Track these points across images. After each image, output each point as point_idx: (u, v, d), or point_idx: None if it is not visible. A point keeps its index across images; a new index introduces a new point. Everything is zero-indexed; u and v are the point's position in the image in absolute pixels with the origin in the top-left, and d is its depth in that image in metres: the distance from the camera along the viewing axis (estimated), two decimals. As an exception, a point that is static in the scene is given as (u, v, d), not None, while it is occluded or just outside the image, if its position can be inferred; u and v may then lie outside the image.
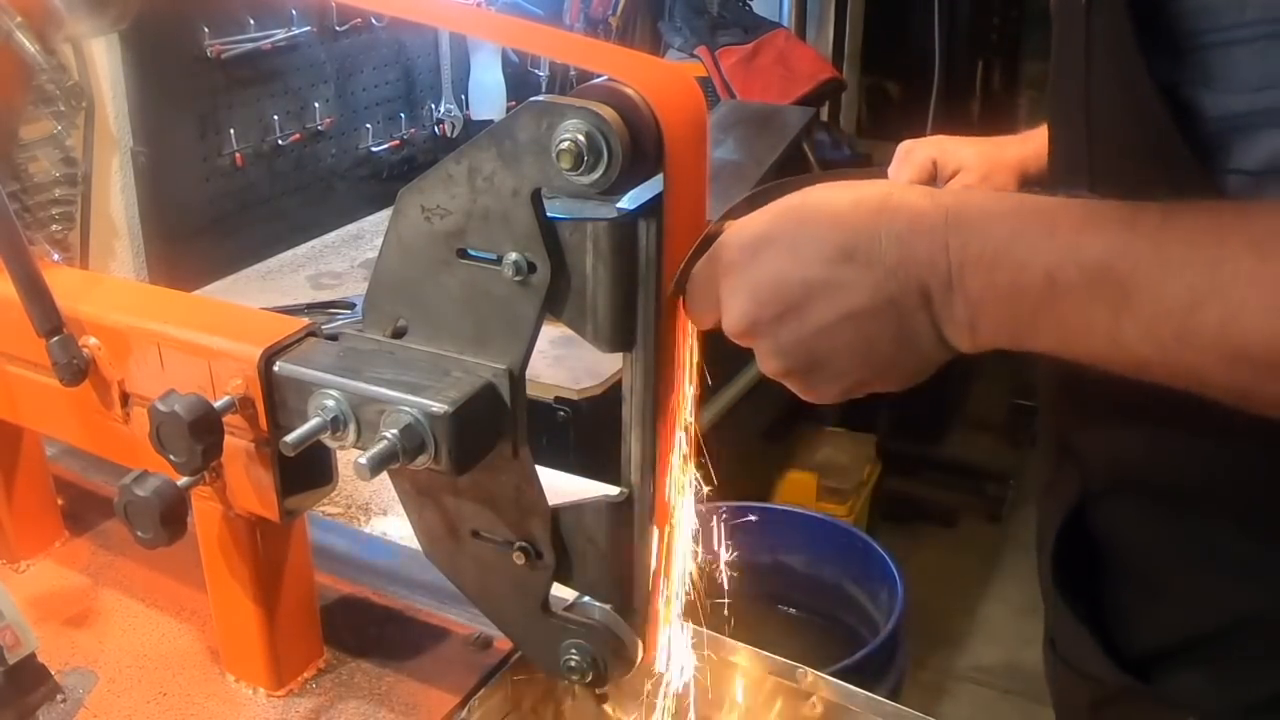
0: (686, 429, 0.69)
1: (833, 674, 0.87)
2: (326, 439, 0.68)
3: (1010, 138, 1.11)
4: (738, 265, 0.60)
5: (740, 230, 0.61)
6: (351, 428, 0.67)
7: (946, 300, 0.57)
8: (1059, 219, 0.55)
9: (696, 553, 0.73)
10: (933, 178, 1.08)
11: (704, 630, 0.90)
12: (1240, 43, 0.57)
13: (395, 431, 0.63)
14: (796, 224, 0.59)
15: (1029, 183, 1.06)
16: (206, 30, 1.68)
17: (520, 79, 2.26)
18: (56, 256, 1.41)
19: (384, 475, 0.65)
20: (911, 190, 0.59)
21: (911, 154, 1.10)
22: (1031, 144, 1.07)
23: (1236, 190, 0.59)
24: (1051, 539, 0.76)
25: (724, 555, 0.83)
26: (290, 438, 0.66)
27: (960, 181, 1.07)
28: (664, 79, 0.61)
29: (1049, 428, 0.80)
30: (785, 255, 0.59)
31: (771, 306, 0.59)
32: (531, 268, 0.62)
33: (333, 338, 0.73)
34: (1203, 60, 0.58)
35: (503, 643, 0.87)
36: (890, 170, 1.11)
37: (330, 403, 0.67)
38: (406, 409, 0.64)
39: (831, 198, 0.60)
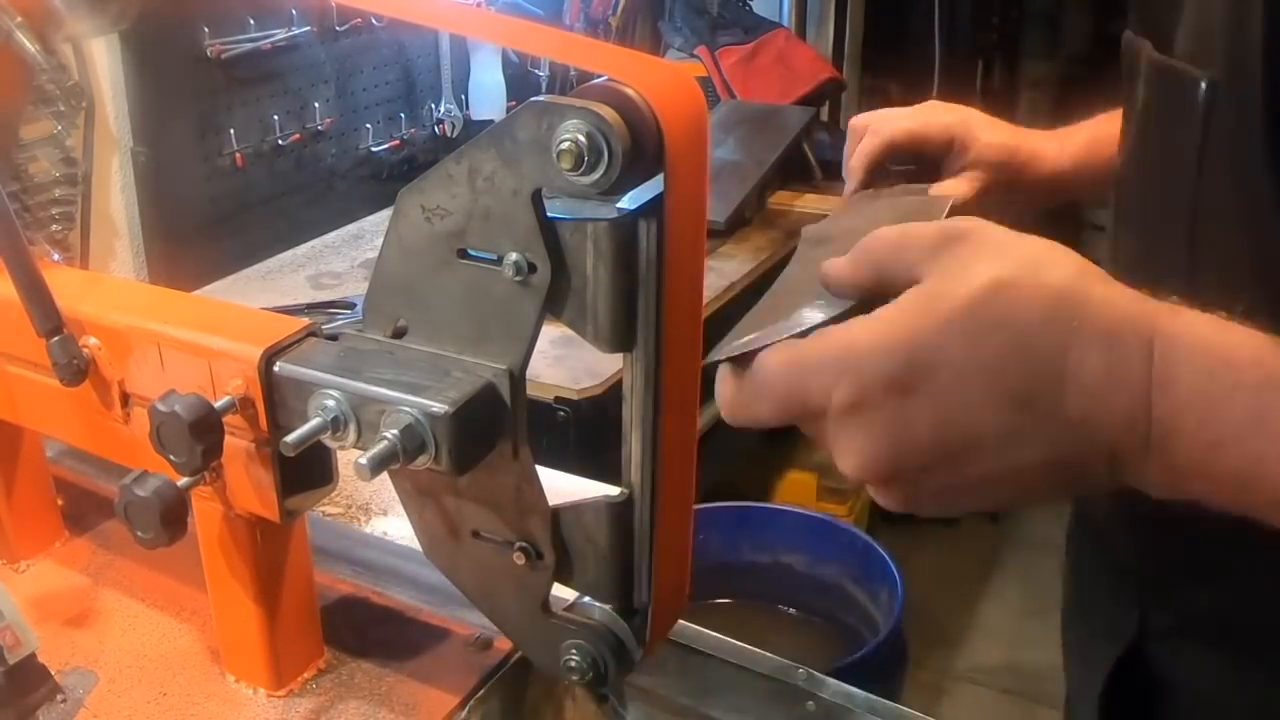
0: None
1: (833, 674, 0.87)
2: (326, 439, 0.68)
3: (1031, 132, 0.92)
4: (871, 406, 0.47)
5: (872, 357, 0.47)
6: (351, 428, 0.67)
7: (1140, 464, 0.46)
8: None
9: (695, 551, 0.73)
10: (944, 152, 0.88)
11: (704, 630, 0.91)
12: None
13: (395, 432, 0.63)
14: (967, 347, 0.46)
15: (1058, 191, 0.90)
16: (206, 30, 1.68)
17: (520, 79, 2.26)
18: (56, 256, 1.41)
19: (384, 475, 0.65)
20: (1112, 297, 0.46)
21: (931, 120, 0.88)
22: (1047, 142, 0.91)
23: None
24: (1101, 678, 0.68)
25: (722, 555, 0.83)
26: (290, 438, 0.66)
27: (974, 181, 0.86)
28: (664, 79, 0.61)
29: (1103, 553, 0.71)
30: (947, 400, 0.46)
31: (922, 457, 0.48)
32: (532, 268, 0.62)
33: (333, 338, 0.73)
34: None
35: (503, 643, 0.87)
36: (899, 122, 0.89)
37: (330, 403, 0.67)
38: (406, 409, 0.64)
39: (1016, 304, 0.46)
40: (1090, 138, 0.88)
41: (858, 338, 0.48)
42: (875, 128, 0.87)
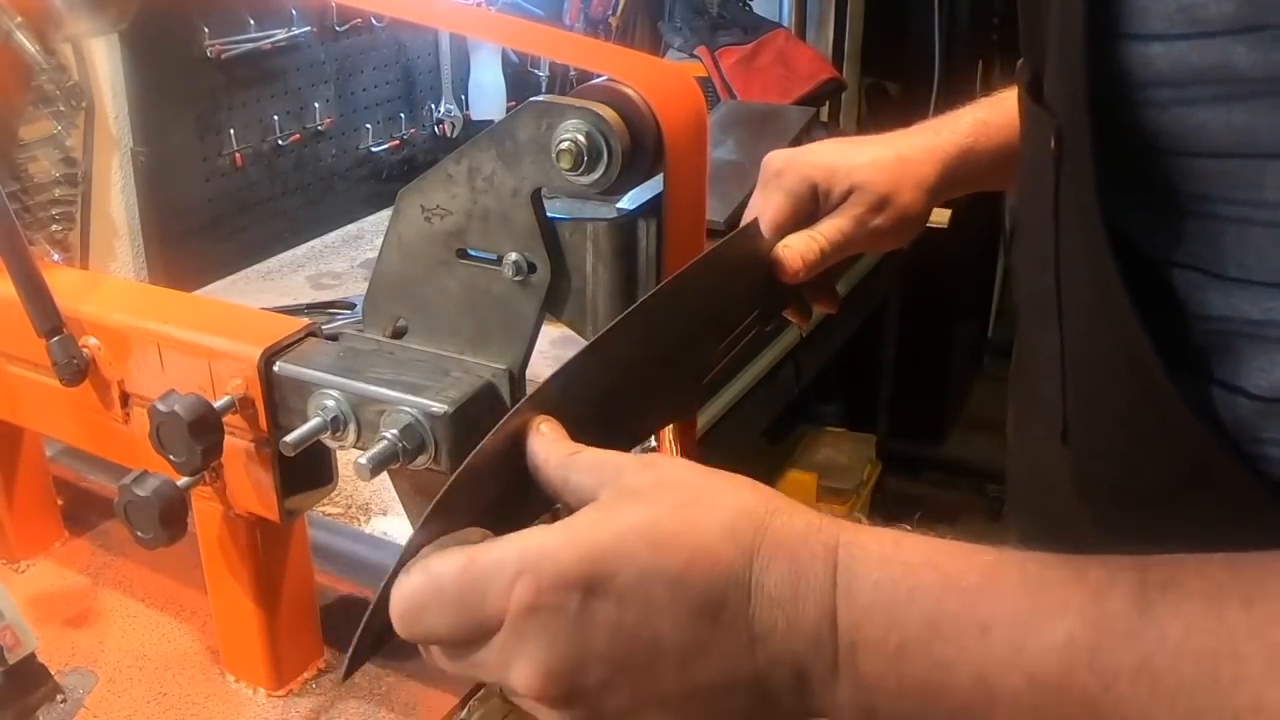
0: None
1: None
2: (326, 439, 0.68)
3: (918, 130, 0.84)
4: (552, 607, 0.43)
5: (555, 557, 0.43)
6: (351, 428, 0.67)
7: (829, 685, 0.43)
8: (992, 607, 0.41)
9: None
10: (812, 206, 0.78)
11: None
12: (1255, 224, 0.45)
13: (395, 431, 0.63)
14: (647, 555, 0.43)
15: (946, 188, 0.81)
16: (206, 30, 1.68)
17: (520, 79, 2.26)
18: (56, 256, 1.41)
19: (384, 475, 0.65)
20: (795, 517, 0.45)
21: (782, 178, 0.78)
22: (947, 137, 0.82)
23: (1238, 416, 0.47)
24: None
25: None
26: (290, 438, 0.66)
27: (853, 206, 0.78)
28: (664, 79, 0.61)
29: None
30: (631, 603, 0.43)
31: (605, 667, 0.43)
32: (531, 268, 0.63)
33: (333, 338, 0.73)
34: (1202, 233, 0.47)
35: (503, 643, 0.87)
36: (754, 200, 0.79)
37: (330, 403, 0.67)
38: (406, 409, 0.64)
39: (694, 521, 0.44)
40: (974, 122, 0.83)
41: (537, 538, 0.45)
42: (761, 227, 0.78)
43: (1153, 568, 0.40)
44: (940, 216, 0.95)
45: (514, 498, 0.49)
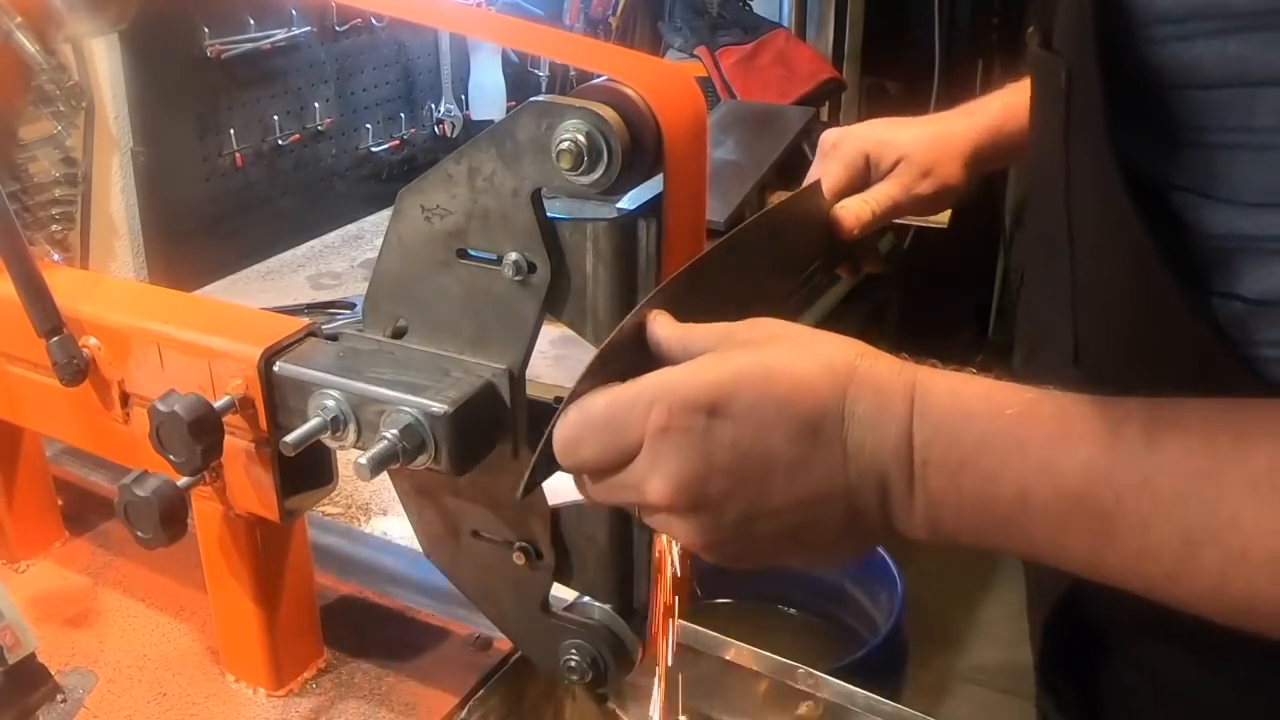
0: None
1: (833, 674, 0.87)
2: (326, 439, 0.68)
3: (954, 114, 0.95)
4: (682, 427, 0.52)
5: (683, 384, 0.52)
6: (351, 428, 0.67)
7: (906, 495, 0.52)
8: (1030, 429, 0.50)
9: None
10: (866, 174, 0.90)
11: (704, 630, 0.91)
12: (1248, 148, 0.50)
13: (395, 431, 0.63)
14: (759, 387, 0.52)
15: (980, 163, 0.92)
16: (206, 30, 1.68)
17: (520, 79, 2.26)
18: (56, 256, 1.41)
19: (384, 475, 0.65)
20: (880, 361, 0.53)
21: (839, 149, 0.90)
22: (980, 118, 0.93)
23: (1233, 318, 0.52)
24: (1039, 624, 0.72)
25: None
26: (290, 438, 0.66)
27: (902, 174, 0.89)
28: (664, 79, 0.61)
29: None
30: (747, 422, 0.51)
31: (725, 478, 0.52)
32: (531, 268, 0.63)
33: (333, 338, 0.73)
34: (1201, 161, 0.51)
35: (503, 643, 0.87)
36: (814, 169, 0.91)
37: (330, 403, 0.67)
38: (406, 409, 0.64)
39: (797, 361, 0.53)
40: (1002, 106, 0.93)
41: (668, 375, 0.54)
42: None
43: (1163, 406, 0.48)
44: (940, 217, 1.04)
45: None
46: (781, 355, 0.53)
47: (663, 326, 0.57)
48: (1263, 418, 0.46)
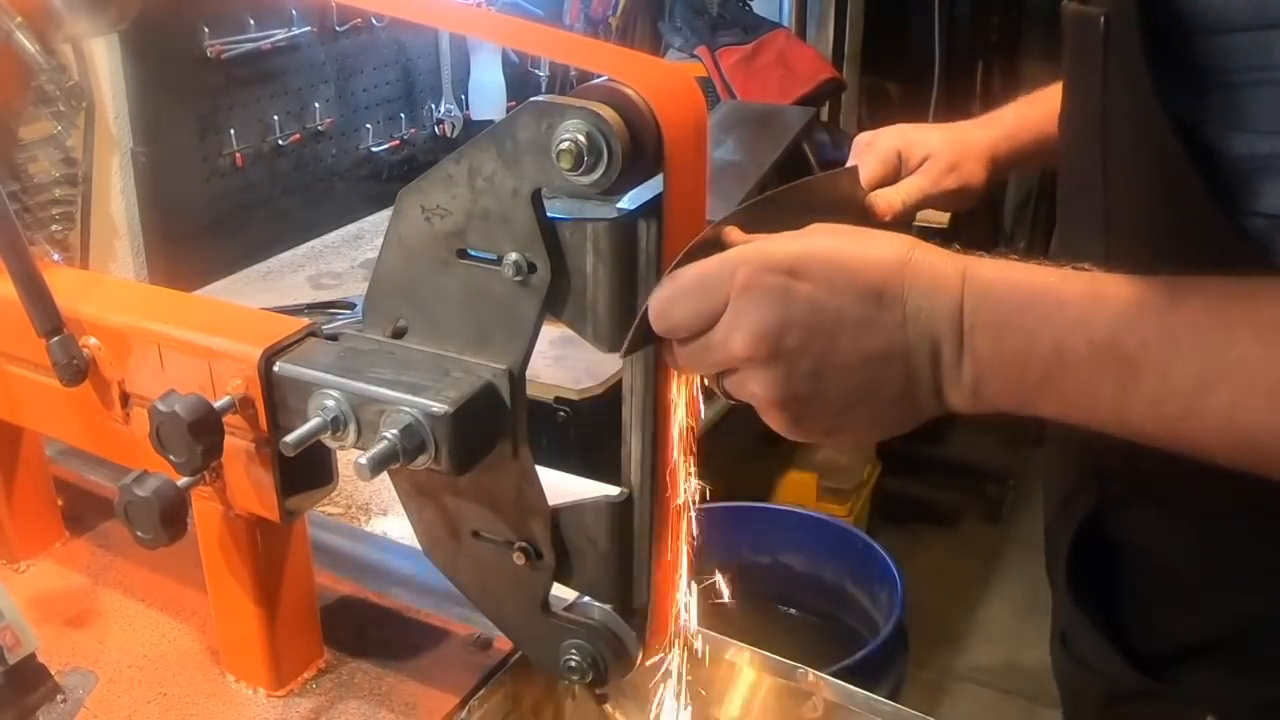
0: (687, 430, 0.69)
1: (833, 674, 0.87)
2: (326, 439, 0.68)
3: (972, 123, 1.06)
4: (765, 284, 0.58)
5: (766, 251, 0.59)
6: (351, 428, 0.67)
7: (955, 358, 0.57)
8: (1069, 292, 0.56)
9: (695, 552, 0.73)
10: (898, 169, 1.00)
11: (704, 630, 0.90)
12: (1269, 84, 0.57)
13: (395, 432, 0.63)
14: (831, 257, 0.59)
15: (998, 166, 1.02)
16: (206, 30, 1.68)
17: (520, 79, 2.26)
18: (56, 256, 1.41)
19: (384, 475, 0.65)
20: (933, 248, 0.60)
21: (874, 145, 1.01)
22: (996, 128, 1.04)
23: (1255, 232, 0.59)
24: (1067, 543, 0.77)
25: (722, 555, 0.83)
26: (290, 438, 0.66)
27: (930, 169, 0.99)
28: (664, 79, 0.61)
29: (1065, 437, 0.80)
30: (821, 283, 0.58)
31: (801, 331, 0.58)
32: (532, 268, 0.63)
33: (333, 338, 0.73)
34: (1227, 100, 0.59)
35: (503, 643, 0.87)
36: (852, 162, 1.00)
37: (330, 403, 0.67)
38: (406, 409, 0.64)
39: (861, 243, 0.60)
40: (1016, 117, 1.04)
41: (752, 244, 0.61)
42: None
43: (1185, 278, 0.54)
44: (940, 217, 1.09)
45: None
46: (851, 240, 0.60)
47: (738, 235, 0.63)
48: (1270, 285, 0.53)
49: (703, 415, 0.69)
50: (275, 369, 0.71)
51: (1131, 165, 0.65)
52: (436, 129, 2.16)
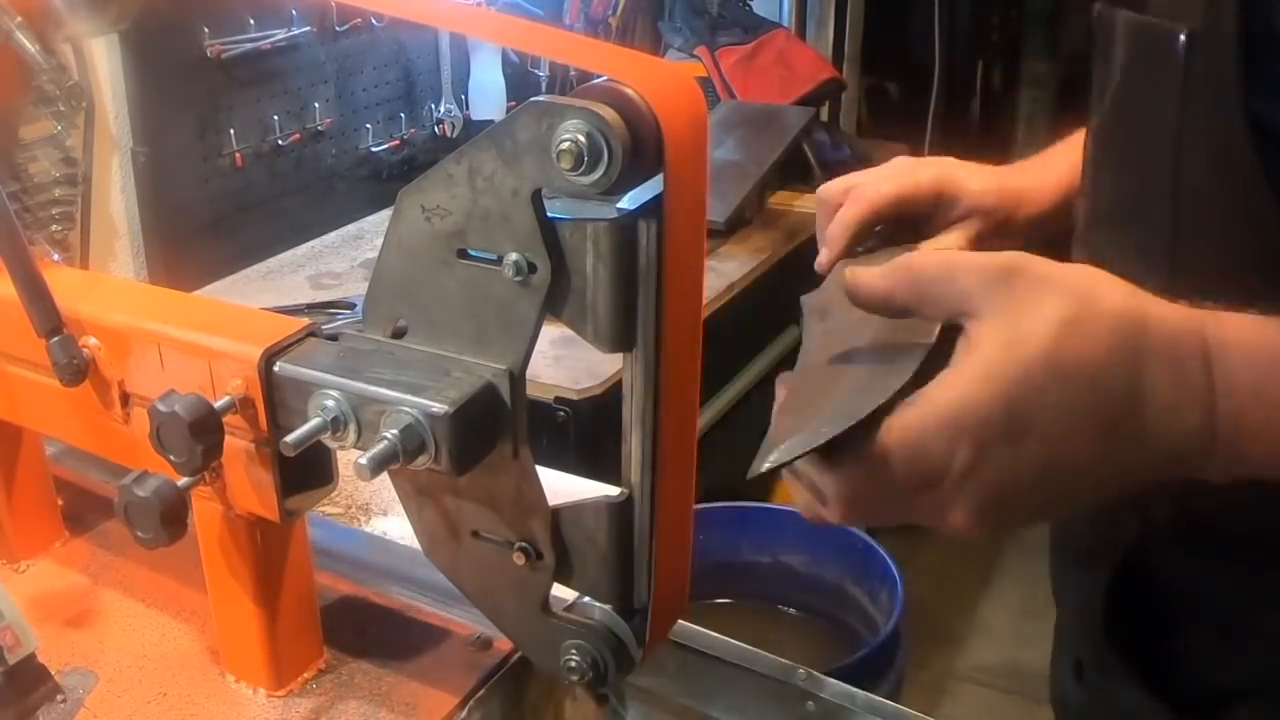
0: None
1: (833, 674, 0.87)
2: (327, 439, 0.68)
3: (1024, 169, 0.91)
4: (991, 458, 0.50)
5: (985, 407, 0.50)
6: (351, 428, 0.67)
7: (1205, 458, 0.52)
8: None
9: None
10: (932, 211, 0.85)
11: (704, 630, 0.91)
12: None
13: (395, 432, 0.63)
14: (1053, 394, 0.50)
15: (1045, 226, 0.87)
16: (206, 30, 1.68)
17: (520, 79, 2.26)
18: (56, 256, 1.41)
19: (384, 475, 0.65)
20: (1165, 315, 0.51)
21: (916, 178, 0.84)
22: (1048, 176, 0.88)
23: None
24: (1104, 578, 0.73)
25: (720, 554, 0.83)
26: (290, 438, 0.66)
27: (970, 229, 0.84)
28: (664, 79, 0.61)
29: None
30: (1051, 436, 0.50)
31: (1032, 496, 0.52)
32: (532, 268, 0.62)
33: (333, 338, 0.73)
34: None
35: (503, 643, 0.87)
36: (880, 176, 0.86)
37: (330, 403, 0.67)
38: (406, 409, 0.64)
39: (1087, 340, 0.50)
40: (1071, 165, 0.85)
41: (962, 396, 0.51)
42: (856, 194, 0.83)
43: None
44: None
45: None
46: (1061, 330, 0.50)
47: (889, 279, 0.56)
48: None
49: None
50: (275, 369, 0.71)
51: (1209, 182, 0.62)
52: (436, 129, 2.16)
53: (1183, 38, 0.61)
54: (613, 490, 0.69)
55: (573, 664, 0.72)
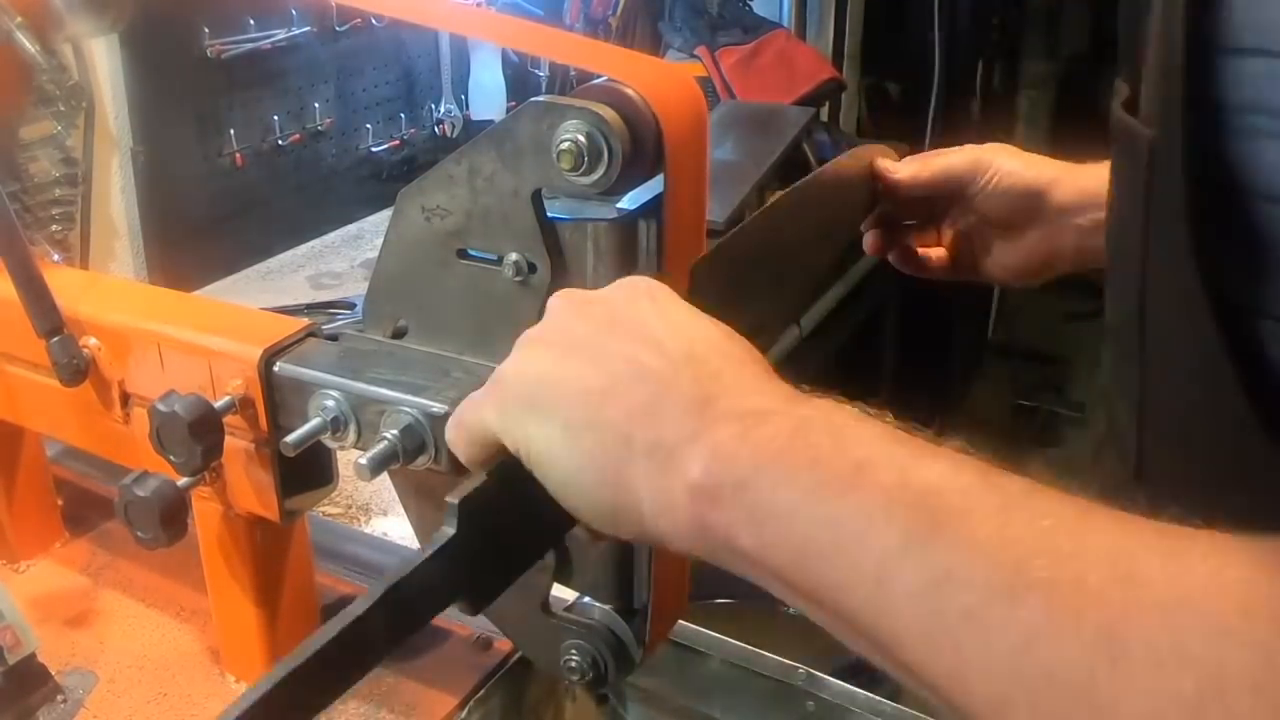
0: None
1: (833, 674, 0.87)
2: (327, 439, 0.68)
3: (1060, 165, 0.84)
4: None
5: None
6: (352, 428, 0.67)
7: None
8: (868, 450, 0.42)
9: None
10: (966, 188, 0.83)
11: (704, 630, 0.91)
12: None
13: (395, 432, 0.63)
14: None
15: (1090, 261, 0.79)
16: (206, 30, 1.68)
17: (520, 79, 2.26)
18: (56, 256, 1.41)
19: (384, 475, 0.65)
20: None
21: (933, 160, 0.83)
22: (1081, 177, 0.81)
23: None
24: None
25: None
26: (290, 438, 0.66)
27: (999, 184, 0.82)
28: (664, 79, 0.61)
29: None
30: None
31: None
32: (532, 268, 0.63)
33: (333, 338, 0.73)
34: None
35: (503, 643, 0.87)
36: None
37: (330, 403, 0.67)
38: (406, 409, 0.64)
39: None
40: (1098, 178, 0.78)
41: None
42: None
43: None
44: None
45: None
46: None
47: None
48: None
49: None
50: (275, 369, 0.71)
51: (1172, 343, 0.50)
52: (436, 129, 2.16)
53: (1147, 150, 0.48)
54: (613, 490, 0.68)
55: (573, 664, 0.72)
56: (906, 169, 0.83)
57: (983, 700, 0.36)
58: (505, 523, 0.51)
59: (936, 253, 0.88)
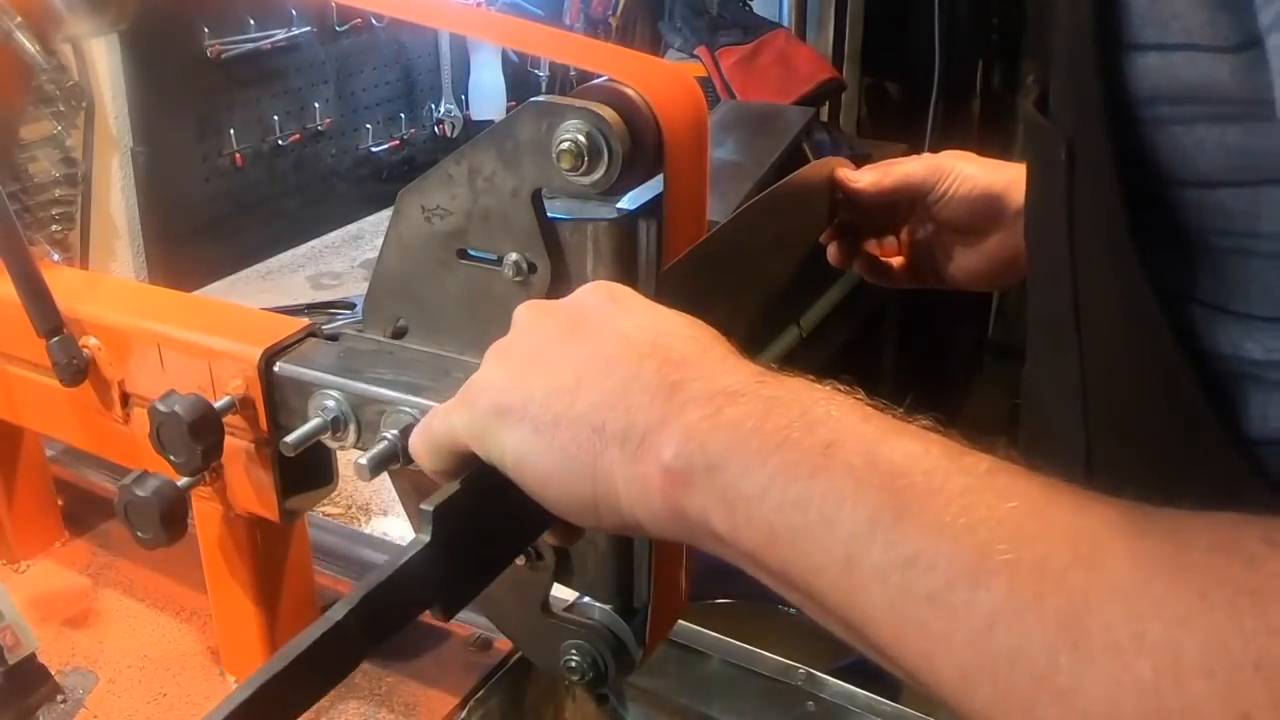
0: None
1: (833, 674, 0.87)
2: (327, 439, 0.68)
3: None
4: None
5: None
6: (352, 428, 0.67)
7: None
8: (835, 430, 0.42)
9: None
10: (923, 195, 0.84)
11: (704, 630, 0.91)
12: (1258, 256, 0.44)
13: (395, 432, 0.63)
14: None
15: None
16: (206, 30, 1.68)
17: (520, 79, 2.26)
18: (56, 256, 1.41)
19: (384, 475, 0.65)
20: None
21: (891, 166, 0.84)
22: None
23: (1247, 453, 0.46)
24: None
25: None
26: (290, 438, 0.66)
27: (959, 189, 0.82)
28: (664, 79, 0.61)
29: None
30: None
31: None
32: (532, 268, 0.63)
33: (333, 338, 0.73)
34: (1210, 266, 0.45)
35: (503, 643, 0.87)
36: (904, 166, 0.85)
37: (330, 403, 0.67)
38: (407, 409, 0.64)
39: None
40: None
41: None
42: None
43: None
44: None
45: None
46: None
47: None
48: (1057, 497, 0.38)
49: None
50: (275, 369, 0.71)
51: (1111, 337, 0.51)
52: (436, 129, 2.16)
53: (1063, 149, 0.49)
54: (613, 490, 0.68)
55: (573, 664, 0.72)
56: (866, 178, 0.83)
57: (949, 681, 0.37)
58: (478, 529, 0.51)
59: (899, 261, 0.89)
